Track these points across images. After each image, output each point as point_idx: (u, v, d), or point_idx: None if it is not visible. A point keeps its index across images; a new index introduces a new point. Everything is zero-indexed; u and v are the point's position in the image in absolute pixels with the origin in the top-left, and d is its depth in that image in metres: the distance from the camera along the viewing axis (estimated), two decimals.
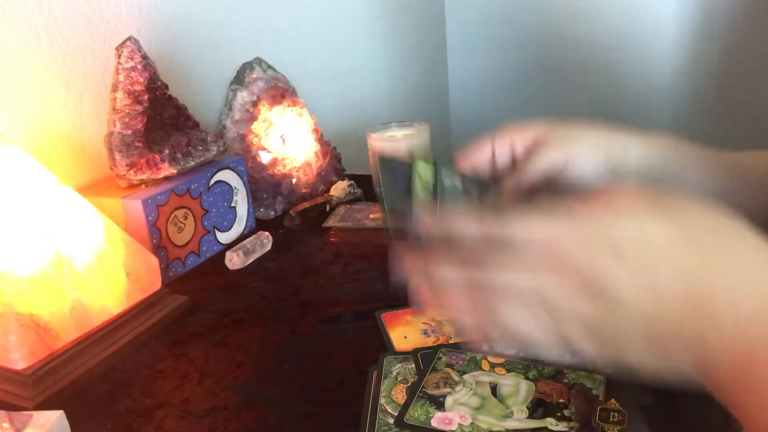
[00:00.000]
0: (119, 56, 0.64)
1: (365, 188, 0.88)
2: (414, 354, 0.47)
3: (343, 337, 0.53)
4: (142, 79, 0.64)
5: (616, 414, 0.39)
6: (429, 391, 0.42)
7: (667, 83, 1.58)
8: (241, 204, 0.76)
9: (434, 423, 0.39)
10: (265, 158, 0.83)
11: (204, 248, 0.71)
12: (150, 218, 0.63)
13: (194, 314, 0.60)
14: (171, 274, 0.67)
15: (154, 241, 0.64)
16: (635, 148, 0.44)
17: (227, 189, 0.74)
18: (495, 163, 0.46)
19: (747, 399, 0.25)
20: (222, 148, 0.74)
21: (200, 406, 0.46)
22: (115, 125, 0.64)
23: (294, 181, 0.85)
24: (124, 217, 0.64)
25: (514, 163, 0.45)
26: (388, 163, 0.40)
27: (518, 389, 0.42)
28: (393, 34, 1.43)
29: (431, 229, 0.32)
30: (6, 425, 0.39)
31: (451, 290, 0.30)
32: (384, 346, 0.50)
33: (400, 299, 0.52)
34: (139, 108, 0.65)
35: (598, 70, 1.63)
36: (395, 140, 0.85)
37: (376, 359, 0.49)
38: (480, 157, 0.46)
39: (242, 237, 0.76)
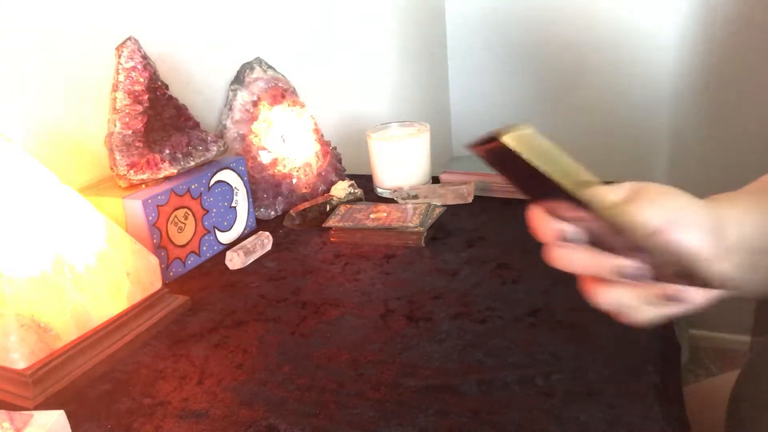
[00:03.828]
0: (119, 56, 0.64)
1: (365, 188, 0.88)
2: None
3: (343, 339, 0.53)
4: (142, 79, 0.64)
5: None
6: None
7: (666, 86, 1.58)
8: (242, 204, 0.76)
9: None
10: (265, 158, 0.83)
11: (204, 248, 0.71)
12: (150, 218, 0.63)
13: (194, 314, 0.60)
14: (171, 274, 0.67)
15: (155, 241, 0.64)
16: (733, 221, 0.43)
17: (227, 189, 0.74)
18: None
19: None
20: (222, 148, 0.74)
21: (200, 407, 0.46)
22: (115, 125, 0.64)
23: (294, 181, 0.85)
24: (124, 217, 0.64)
25: None
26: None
27: None
28: (393, 33, 1.43)
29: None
30: (6, 425, 0.39)
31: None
32: None
33: None
34: (140, 108, 0.65)
35: (599, 71, 1.64)
36: (395, 140, 0.85)
37: (376, 361, 0.49)
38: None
39: (242, 237, 0.76)
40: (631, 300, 0.38)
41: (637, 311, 0.39)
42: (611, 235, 0.38)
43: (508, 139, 0.35)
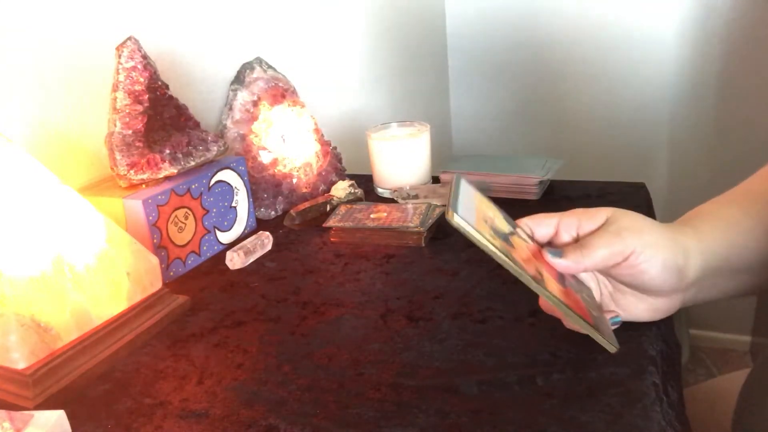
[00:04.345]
0: (119, 56, 0.64)
1: (365, 188, 0.88)
2: None
3: (343, 339, 0.53)
4: (142, 79, 0.64)
5: None
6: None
7: (666, 86, 1.58)
8: (242, 204, 0.76)
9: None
10: (265, 158, 0.83)
11: (204, 248, 0.71)
12: (150, 218, 0.63)
13: (194, 314, 0.60)
14: (171, 273, 0.67)
15: (155, 240, 0.64)
16: (696, 254, 0.46)
17: (228, 189, 0.74)
18: (557, 237, 0.47)
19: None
20: (222, 148, 0.74)
21: (200, 407, 0.46)
22: (115, 125, 0.64)
23: (294, 181, 0.85)
24: (124, 217, 0.64)
25: (576, 241, 0.46)
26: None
27: None
28: (393, 33, 1.43)
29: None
30: (6, 425, 0.39)
31: None
32: None
33: None
34: (140, 108, 0.65)
35: (599, 71, 1.63)
36: (395, 140, 0.85)
37: (376, 361, 0.49)
38: (543, 228, 0.47)
39: (243, 237, 0.76)
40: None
41: (565, 322, 0.47)
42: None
43: (454, 220, 0.42)
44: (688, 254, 0.45)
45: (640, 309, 0.47)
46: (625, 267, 0.44)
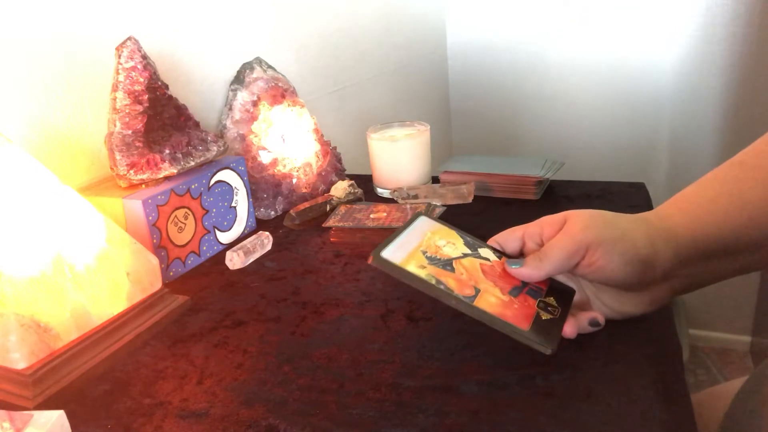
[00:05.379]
0: (119, 56, 0.64)
1: (365, 188, 0.88)
2: None
3: (343, 339, 0.53)
4: (142, 79, 0.64)
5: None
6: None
7: (667, 94, 1.58)
8: (242, 204, 0.76)
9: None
10: (265, 158, 0.83)
11: (204, 248, 0.71)
12: (150, 218, 0.63)
13: (194, 314, 0.60)
14: (171, 274, 0.67)
15: (155, 241, 0.64)
16: (664, 245, 0.45)
17: (227, 189, 0.74)
18: (525, 247, 0.48)
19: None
20: (222, 148, 0.74)
21: (200, 407, 0.46)
22: (115, 125, 0.64)
23: (294, 181, 0.85)
24: (124, 217, 0.64)
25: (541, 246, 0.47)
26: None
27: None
28: (393, 33, 1.43)
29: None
30: (6, 425, 0.39)
31: None
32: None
33: None
34: (139, 108, 0.65)
35: (599, 70, 1.63)
36: (395, 140, 0.85)
37: (376, 361, 0.49)
38: (511, 242, 0.48)
39: (242, 237, 0.76)
40: None
41: None
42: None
43: (374, 261, 0.44)
44: (655, 245, 0.44)
45: (625, 304, 0.47)
46: (585, 266, 0.44)
